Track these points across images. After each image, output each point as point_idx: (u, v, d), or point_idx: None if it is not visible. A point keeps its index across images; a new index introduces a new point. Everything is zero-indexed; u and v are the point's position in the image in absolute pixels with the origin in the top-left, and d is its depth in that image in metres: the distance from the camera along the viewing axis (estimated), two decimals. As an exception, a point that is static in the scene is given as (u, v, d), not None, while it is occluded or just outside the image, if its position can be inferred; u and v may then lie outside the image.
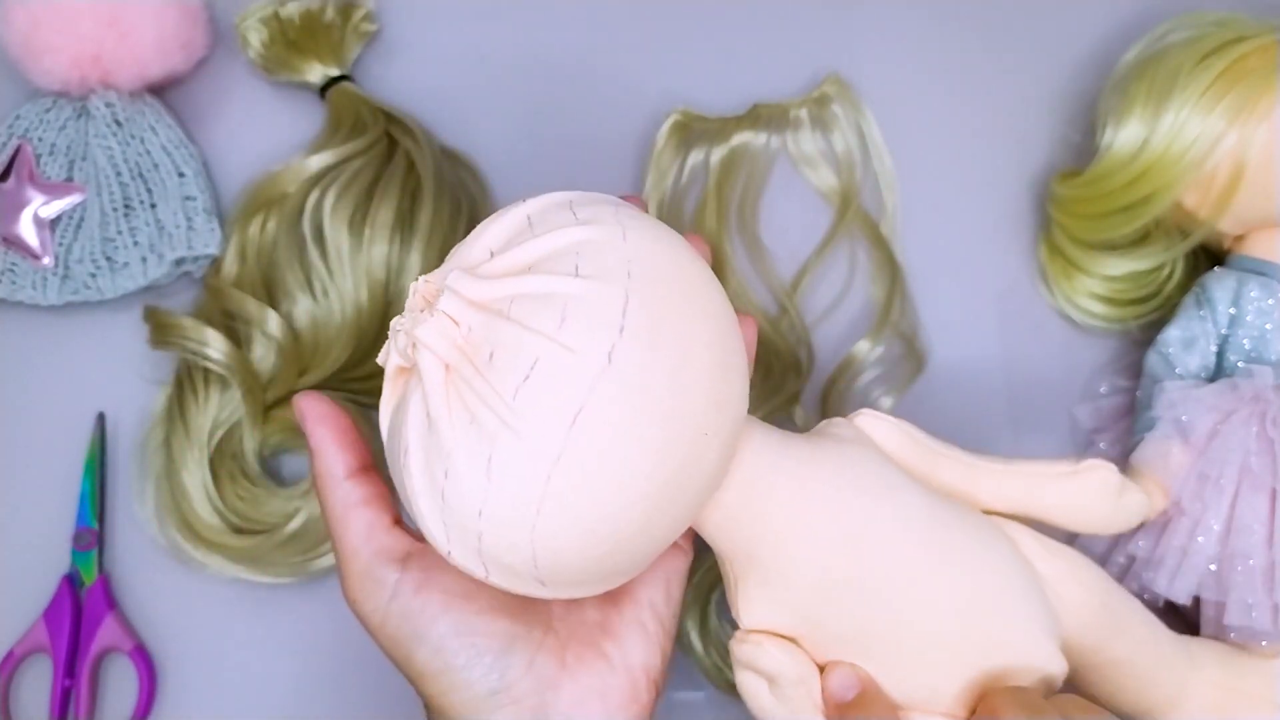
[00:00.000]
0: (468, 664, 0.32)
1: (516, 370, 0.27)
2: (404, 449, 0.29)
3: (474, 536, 0.28)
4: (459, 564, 0.30)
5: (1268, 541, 0.42)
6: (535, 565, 0.29)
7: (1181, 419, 0.43)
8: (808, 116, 0.54)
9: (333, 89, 0.53)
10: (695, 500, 0.31)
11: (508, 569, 0.29)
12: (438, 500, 0.29)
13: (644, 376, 0.28)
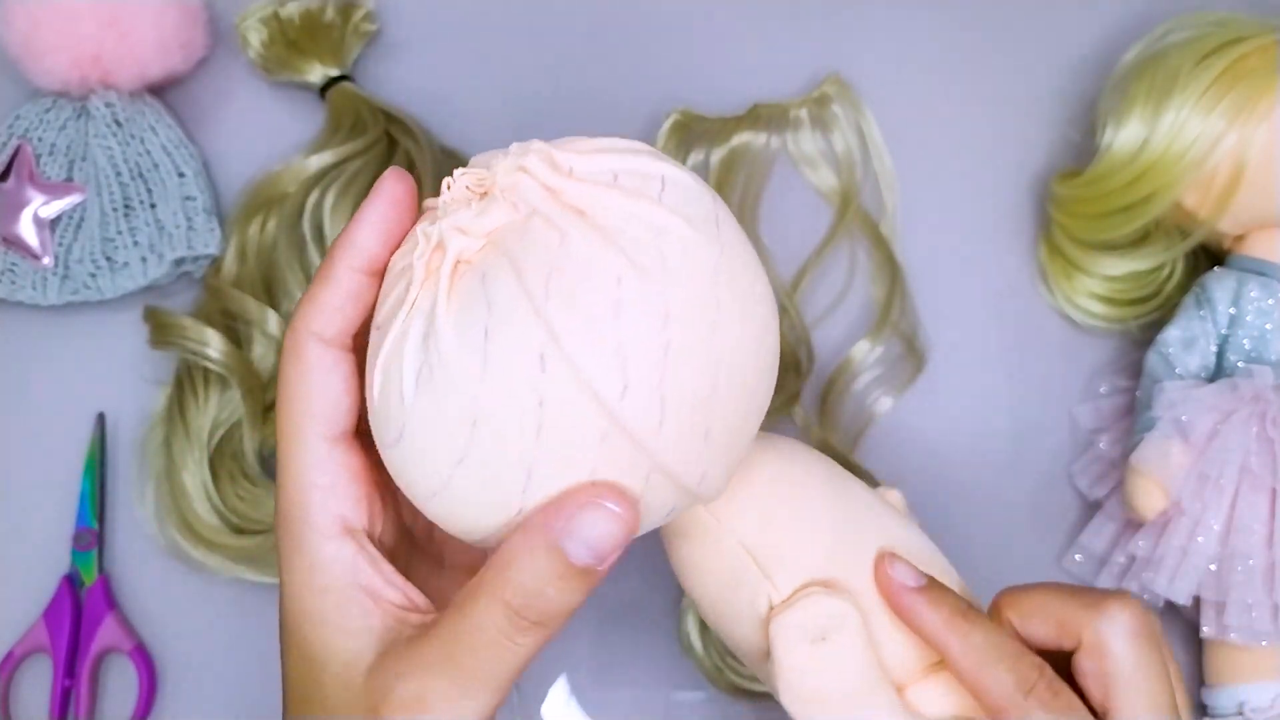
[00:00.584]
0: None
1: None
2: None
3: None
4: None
5: (1268, 541, 0.42)
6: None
7: (1181, 419, 0.43)
8: (808, 116, 0.54)
9: (333, 89, 0.53)
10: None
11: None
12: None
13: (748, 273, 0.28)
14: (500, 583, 0.27)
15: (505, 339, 0.25)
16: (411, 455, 0.27)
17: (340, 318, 0.29)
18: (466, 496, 0.27)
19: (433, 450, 0.27)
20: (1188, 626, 0.46)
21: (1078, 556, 0.47)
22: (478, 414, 0.26)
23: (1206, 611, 0.43)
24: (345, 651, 0.29)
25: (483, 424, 0.26)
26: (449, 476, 0.27)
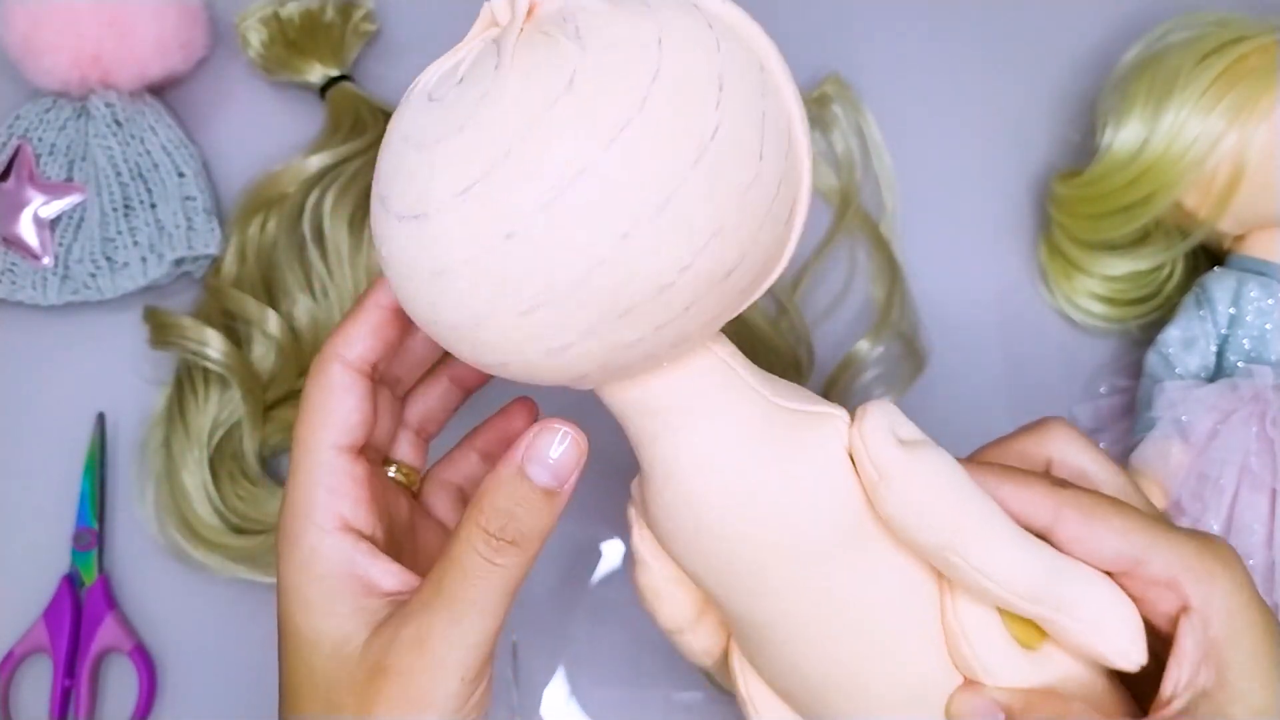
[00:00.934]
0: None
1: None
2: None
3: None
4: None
5: (1267, 541, 0.42)
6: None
7: (1181, 419, 0.43)
8: (808, 116, 0.54)
9: (333, 89, 0.53)
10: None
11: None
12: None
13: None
14: (476, 512, 0.30)
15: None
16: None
17: (362, 345, 0.33)
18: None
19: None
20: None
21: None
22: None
23: (1206, 611, 0.43)
24: (336, 632, 0.31)
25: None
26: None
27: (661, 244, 0.25)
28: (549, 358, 0.27)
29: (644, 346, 0.27)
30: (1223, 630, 0.29)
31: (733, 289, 0.27)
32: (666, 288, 0.26)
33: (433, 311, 0.27)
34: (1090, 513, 0.31)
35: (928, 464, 0.29)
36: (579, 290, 0.25)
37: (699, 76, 0.26)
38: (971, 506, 0.29)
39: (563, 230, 0.25)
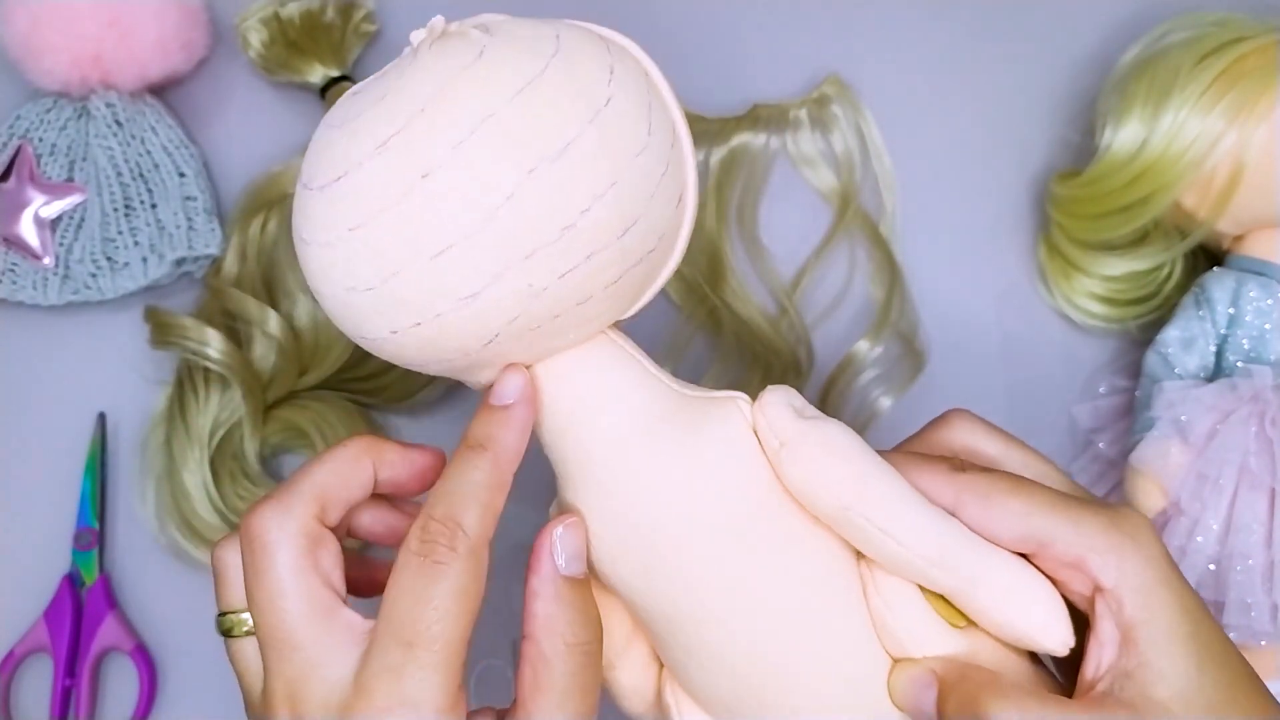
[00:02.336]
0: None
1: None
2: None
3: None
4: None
5: (1266, 541, 0.42)
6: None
7: (1180, 419, 0.43)
8: (807, 117, 0.54)
9: (333, 89, 0.53)
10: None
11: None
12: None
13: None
14: (553, 634, 0.31)
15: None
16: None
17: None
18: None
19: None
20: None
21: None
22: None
23: (1205, 611, 0.44)
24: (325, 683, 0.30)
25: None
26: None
27: (562, 185, 0.28)
28: (461, 308, 0.28)
29: (550, 299, 0.29)
30: (1137, 610, 0.29)
31: (631, 254, 0.30)
32: (568, 229, 0.28)
33: (349, 275, 0.29)
34: (989, 495, 0.31)
35: (828, 430, 0.30)
36: (487, 228, 0.27)
37: (593, 60, 0.30)
38: (873, 471, 0.30)
39: (473, 167, 0.27)
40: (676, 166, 0.31)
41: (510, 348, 0.30)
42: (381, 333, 0.30)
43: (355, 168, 0.28)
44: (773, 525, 0.31)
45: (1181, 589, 0.30)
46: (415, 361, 0.31)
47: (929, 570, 0.30)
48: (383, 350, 0.30)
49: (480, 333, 0.29)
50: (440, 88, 0.28)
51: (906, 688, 0.31)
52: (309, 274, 0.30)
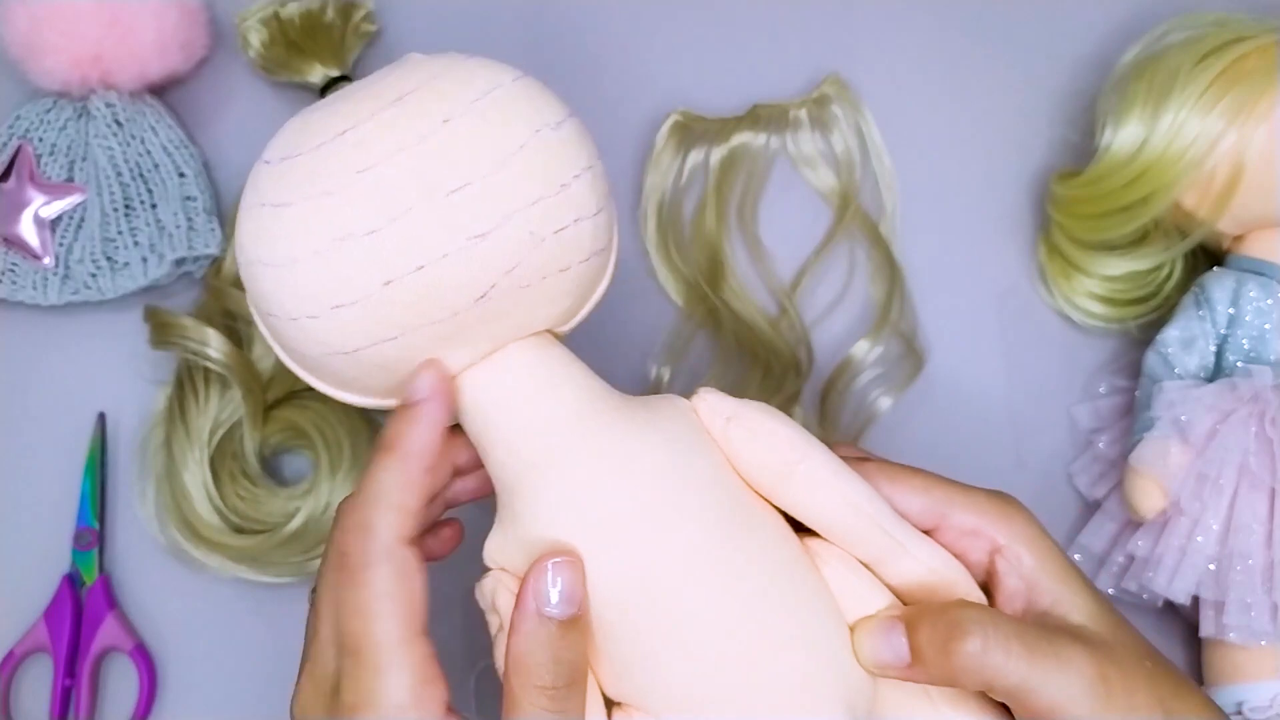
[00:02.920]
0: None
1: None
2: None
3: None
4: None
5: (1266, 541, 0.42)
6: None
7: (1180, 419, 0.43)
8: (807, 117, 0.54)
9: (333, 89, 0.53)
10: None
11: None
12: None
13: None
14: (524, 675, 0.30)
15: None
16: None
17: (413, 520, 0.32)
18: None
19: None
20: (1187, 626, 0.47)
21: (1077, 556, 0.47)
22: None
23: (1205, 611, 0.44)
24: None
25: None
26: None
27: (563, 147, 0.32)
28: (470, 247, 0.30)
29: (544, 254, 0.31)
30: (1033, 558, 0.33)
31: (599, 236, 0.33)
32: (565, 186, 0.31)
33: (352, 219, 0.29)
34: (894, 475, 0.34)
35: (763, 405, 0.33)
36: (502, 170, 0.30)
37: (526, 112, 0.32)
38: (809, 436, 0.33)
39: (490, 118, 0.31)
40: (610, 205, 0.34)
41: (494, 311, 0.31)
42: (372, 284, 0.29)
43: (365, 119, 0.30)
44: (732, 502, 0.32)
45: (1054, 541, 0.34)
46: (395, 328, 0.30)
47: (868, 529, 0.32)
48: (356, 318, 0.30)
49: (480, 281, 0.30)
50: (449, 64, 0.32)
51: (874, 638, 0.32)
52: (282, 237, 0.30)
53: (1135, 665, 0.32)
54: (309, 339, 0.31)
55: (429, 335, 0.31)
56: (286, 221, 0.30)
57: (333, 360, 0.31)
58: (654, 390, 0.50)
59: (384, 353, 0.31)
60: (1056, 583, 0.33)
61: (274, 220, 0.30)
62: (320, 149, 0.30)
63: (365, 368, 0.31)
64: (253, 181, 0.31)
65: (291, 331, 0.31)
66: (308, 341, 0.31)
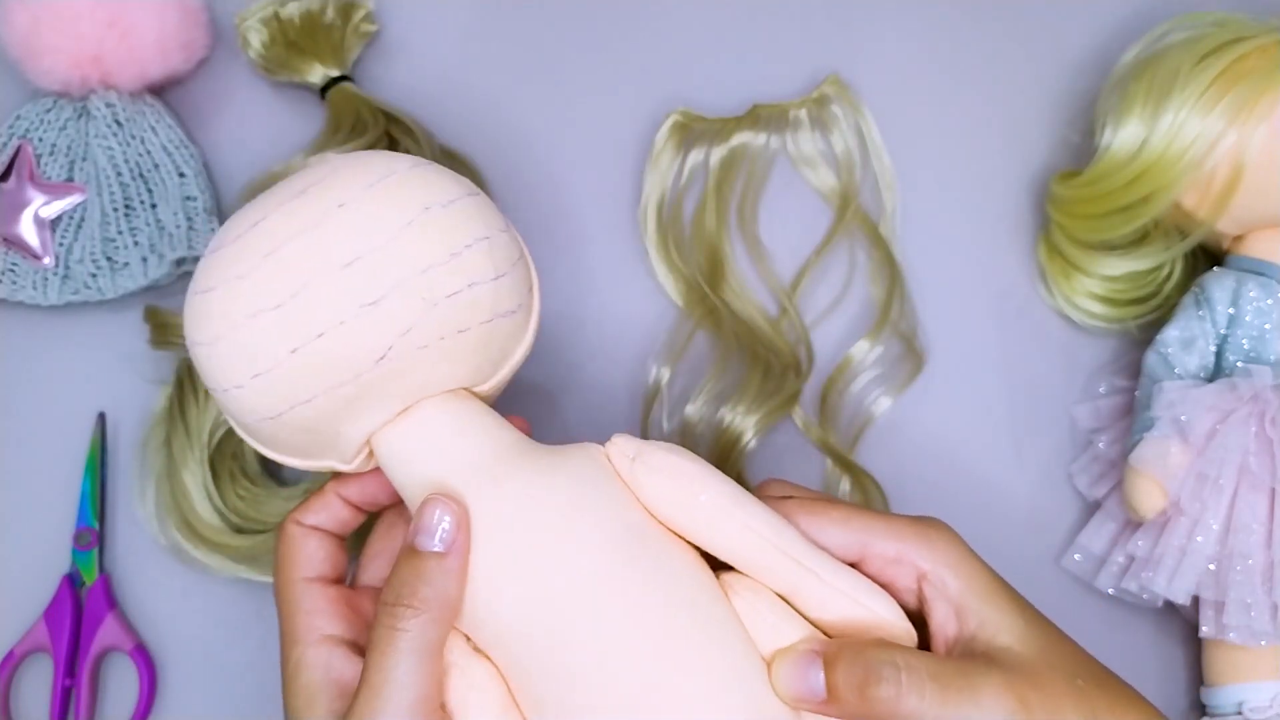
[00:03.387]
0: None
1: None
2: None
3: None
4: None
5: (1266, 541, 0.42)
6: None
7: (1180, 419, 0.43)
8: (807, 117, 0.54)
9: (333, 89, 0.53)
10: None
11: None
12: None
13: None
14: (381, 592, 0.33)
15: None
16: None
17: (315, 518, 0.38)
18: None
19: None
20: (1187, 626, 0.47)
21: (1077, 556, 0.48)
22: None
23: (1205, 611, 0.44)
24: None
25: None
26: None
27: (452, 223, 0.34)
28: (362, 315, 0.32)
29: (438, 317, 0.33)
30: (958, 581, 0.34)
31: (501, 301, 0.35)
32: (455, 255, 0.33)
33: (257, 298, 0.32)
34: (813, 509, 0.35)
35: (669, 445, 0.35)
36: (391, 244, 0.33)
37: (416, 193, 0.34)
38: (715, 472, 0.34)
39: (380, 201, 0.33)
40: (525, 270, 0.37)
41: (396, 371, 0.33)
42: (280, 353, 0.32)
43: (272, 210, 0.33)
44: (635, 537, 0.33)
45: (982, 562, 0.35)
46: (307, 391, 0.33)
47: (778, 560, 0.33)
48: (272, 384, 0.33)
49: (377, 344, 0.33)
50: (353, 158, 0.35)
51: (791, 671, 0.32)
52: (207, 318, 0.33)
53: (1062, 685, 0.32)
54: (241, 407, 0.34)
55: (340, 396, 0.33)
56: (211, 304, 0.33)
57: (265, 426, 0.34)
58: (654, 391, 0.50)
59: (303, 415, 0.33)
60: (982, 604, 0.34)
61: (202, 304, 0.33)
62: (238, 240, 0.33)
63: (291, 431, 0.34)
64: (194, 274, 0.35)
65: (227, 402, 0.34)
66: (241, 410, 0.34)
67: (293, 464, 0.36)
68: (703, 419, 0.49)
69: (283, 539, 0.38)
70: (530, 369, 0.51)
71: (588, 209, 0.54)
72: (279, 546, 0.38)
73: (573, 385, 0.51)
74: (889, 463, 0.49)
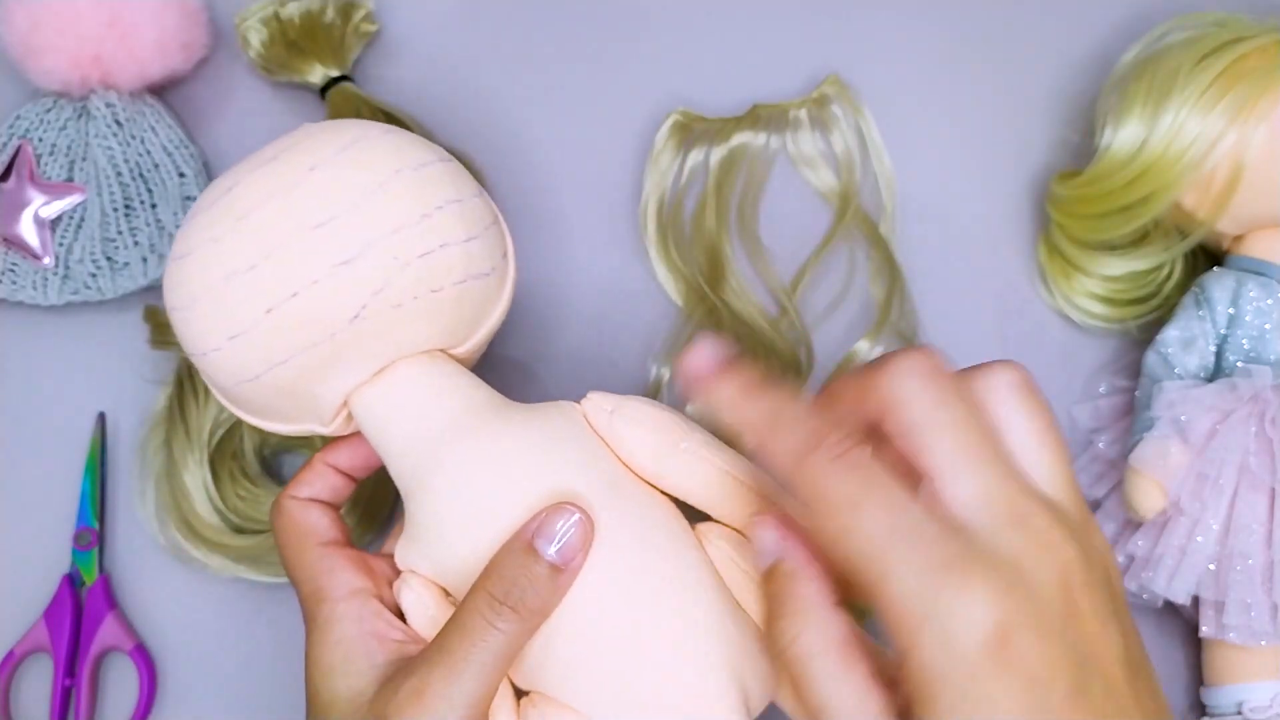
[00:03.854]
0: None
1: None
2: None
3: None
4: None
5: (1266, 541, 0.42)
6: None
7: (1180, 419, 0.43)
8: (807, 117, 0.54)
9: (333, 89, 0.53)
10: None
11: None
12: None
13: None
14: (484, 578, 0.32)
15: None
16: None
17: (310, 490, 0.38)
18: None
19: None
20: (1186, 626, 0.47)
21: (1077, 556, 0.47)
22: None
23: (1205, 611, 0.44)
24: (351, 690, 0.34)
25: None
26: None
27: (422, 186, 0.34)
28: (335, 274, 0.33)
29: (410, 276, 0.34)
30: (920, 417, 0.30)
31: (474, 263, 0.35)
32: (426, 216, 0.34)
33: (231, 258, 0.33)
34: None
35: (646, 399, 0.36)
36: (362, 205, 0.33)
37: (388, 157, 0.35)
38: (692, 423, 0.35)
39: (353, 165, 0.34)
40: (498, 235, 0.38)
41: (371, 330, 0.34)
42: (256, 313, 0.33)
43: (244, 175, 0.34)
44: (610, 486, 0.34)
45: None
46: (284, 351, 0.33)
47: (748, 497, 0.34)
48: (250, 345, 0.33)
49: (350, 303, 0.33)
50: (324, 126, 0.36)
51: (760, 529, 0.31)
52: (184, 283, 0.34)
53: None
54: (219, 370, 0.34)
55: (316, 356, 0.34)
56: (187, 268, 0.34)
57: (244, 389, 0.35)
58: (654, 390, 0.50)
59: (281, 376, 0.34)
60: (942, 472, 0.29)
61: (178, 269, 0.34)
62: (212, 206, 0.34)
63: (270, 393, 0.35)
64: (173, 243, 0.35)
65: (206, 366, 0.35)
66: (220, 373, 0.35)
67: (274, 428, 0.37)
68: (703, 419, 0.49)
69: (283, 515, 0.38)
70: (530, 368, 0.51)
71: (588, 209, 0.54)
72: (281, 524, 0.38)
73: (572, 385, 0.51)
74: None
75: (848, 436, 0.28)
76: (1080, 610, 0.27)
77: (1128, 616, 0.29)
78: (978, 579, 0.26)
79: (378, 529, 0.49)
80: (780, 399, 0.30)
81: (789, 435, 0.29)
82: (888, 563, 0.26)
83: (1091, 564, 0.28)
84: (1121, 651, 0.27)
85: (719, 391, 0.31)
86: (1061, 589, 0.27)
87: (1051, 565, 0.27)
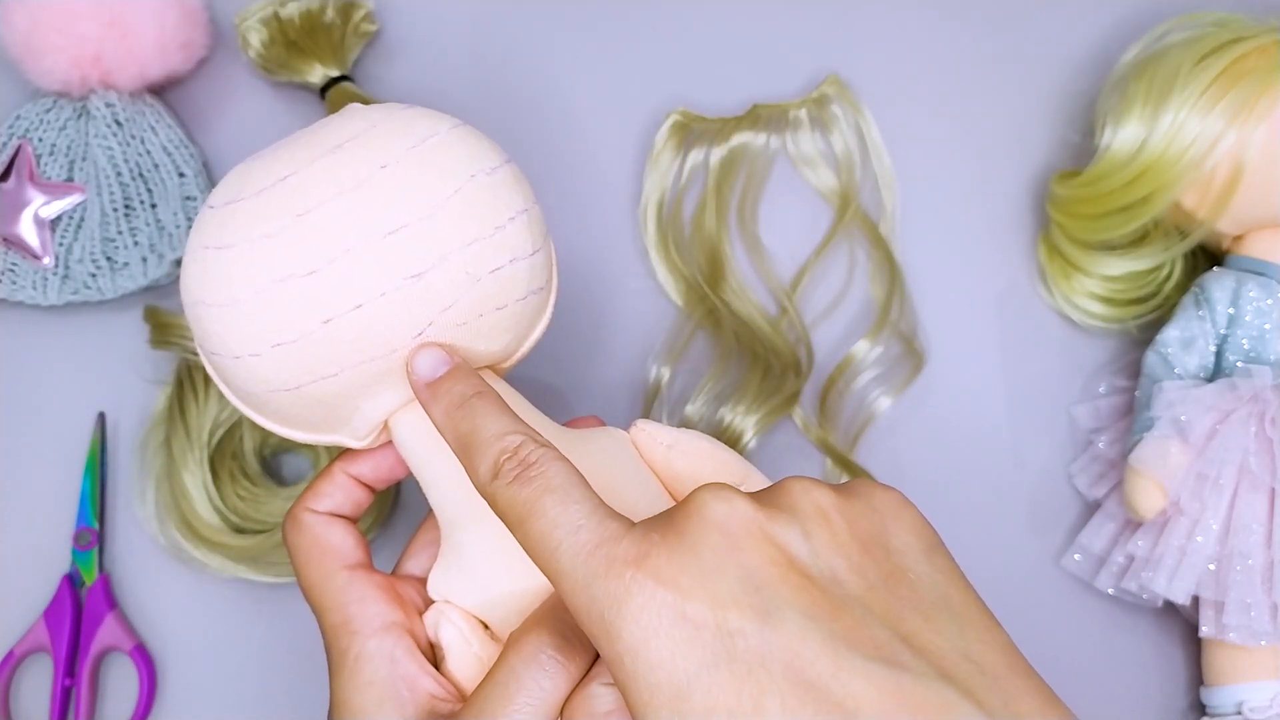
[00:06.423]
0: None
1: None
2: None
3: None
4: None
5: (1266, 541, 0.42)
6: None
7: (1180, 419, 0.43)
8: (807, 117, 0.54)
9: (333, 89, 0.53)
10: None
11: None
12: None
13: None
14: (538, 628, 0.31)
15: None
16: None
17: (329, 502, 0.36)
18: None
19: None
20: (1187, 626, 0.47)
21: (1076, 556, 0.48)
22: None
23: (1205, 611, 0.44)
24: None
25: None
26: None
27: (496, 192, 0.33)
28: (406, 287, 0.31)
29: (480, 293, 0.32)
30: None
31: (535, 276, 0.34)
32: (500, 229, 0.33)
33: (290, 261, 0.31)
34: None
35: (700, 433, 0.35)
36: (438, 213, 0.31)
37: (461, 160, 0.33)
38: (742, 460, 0.35)
39: (427, 164, 0.32)
40: (550, 245, 0.36)
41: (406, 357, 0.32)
42: (311, 323, 0.30)
43: (303, 165, 0.31)
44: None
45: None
46: (335, 364, 0.31)
47: None
48: (296, 355, 0.31)
49: (418, 319, 0.31)
50: (387, 113, 0.33)
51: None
52: (223, 279, 0.31)
53: None
54: (252, 377, 0.32)
55: (369, 371, 0.32)
56: (229, 263, 0.31)
57: (275, 397, 0.32)
58: (654, 391, 0.50)
59: (325, 389, 0.32)
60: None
61: (217, 262, 0.31)
62: (261, 194, 0.31)
63: (307, 404, 0.32)
64: (198, 226, 0.32)
65: (235, 370, 0.32)
66: (251, 379, 0.32)
67: (296, 437, 0.34)
68: (703, 419, 0.49)
69: (302, 531, 0.35)
70: (530, 368, 0.51)
71: (588, 209, 0.54)
72: (299, 542, 0.35)
73: (573, 385, 0.51)
74: (889, 463, 0.49)
75: (529, 457, 0.29)
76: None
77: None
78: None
79: (375, 531, 0.49)
80: (480, 418, 0.30)
81: (479, 461, 0.29)
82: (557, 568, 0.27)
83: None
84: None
85: (431, 409, 0.31)
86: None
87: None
